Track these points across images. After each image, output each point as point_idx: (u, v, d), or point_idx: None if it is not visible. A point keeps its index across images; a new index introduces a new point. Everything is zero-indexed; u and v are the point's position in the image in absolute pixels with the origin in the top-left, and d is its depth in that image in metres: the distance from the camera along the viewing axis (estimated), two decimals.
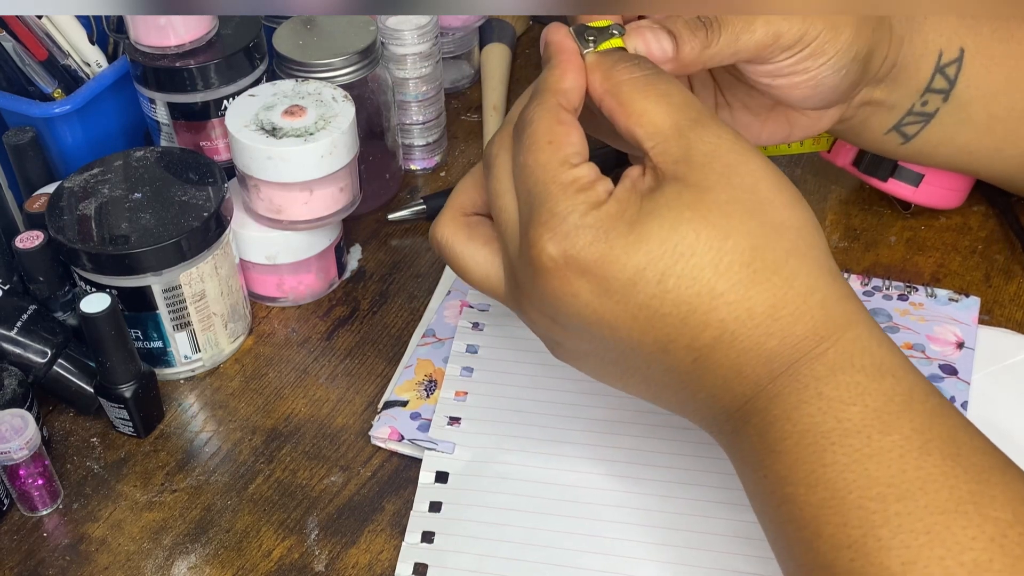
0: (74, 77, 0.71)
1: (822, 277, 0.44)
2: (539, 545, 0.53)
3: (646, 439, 0.57)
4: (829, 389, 0.42)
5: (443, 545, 0.53)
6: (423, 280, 0.69)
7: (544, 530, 0.54)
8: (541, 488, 0.55)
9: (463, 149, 0.79)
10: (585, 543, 0.53)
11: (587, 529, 0.54)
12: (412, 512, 0.55)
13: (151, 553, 0.55)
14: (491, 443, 0.58)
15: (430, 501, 0.55)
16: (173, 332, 0.62)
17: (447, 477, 0.56)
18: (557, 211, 0.44)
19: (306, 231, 0.65)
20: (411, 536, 0.54)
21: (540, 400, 0.59)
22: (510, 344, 0.62)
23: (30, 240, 0.60)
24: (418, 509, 0.55)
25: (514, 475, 0.56)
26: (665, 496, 0.55)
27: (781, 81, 0.53)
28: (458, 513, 0.55)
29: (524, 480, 0.56)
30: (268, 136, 0.61)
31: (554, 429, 0.58)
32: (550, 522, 0.54)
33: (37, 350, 0.59)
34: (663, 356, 0.44)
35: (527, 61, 0.87)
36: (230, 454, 0.60)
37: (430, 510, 0.55)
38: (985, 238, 0.69)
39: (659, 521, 0.54)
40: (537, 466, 0.56)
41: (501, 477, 0.56)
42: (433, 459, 0.57)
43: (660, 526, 0.53)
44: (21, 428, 0.55)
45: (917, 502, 0.40)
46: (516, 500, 0.55)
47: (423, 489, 0.56)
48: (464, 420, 0.59)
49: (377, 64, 0.69)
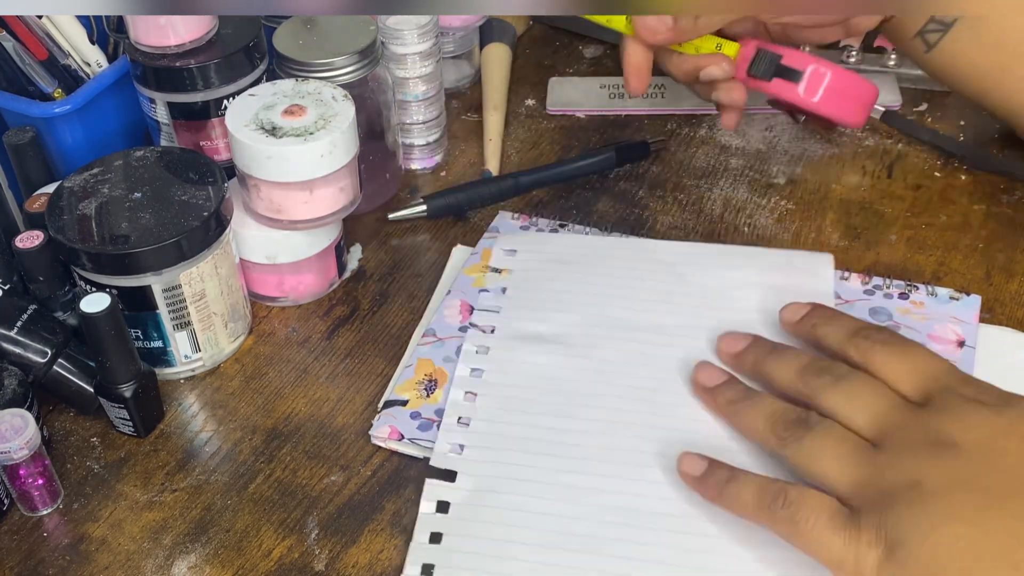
0: (74, 77, 0.71)
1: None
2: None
3: (655, 471, 0.55)
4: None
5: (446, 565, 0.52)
6: (423, 279, 0.69)
7: (544, 563, 0.52)
8: (545, 520, 0.53)
9: (463, 149, 0.79)
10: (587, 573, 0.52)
11: (591, 563, 0.52)
12: (412, 543, 0.53)
13: (151, 553, 0.55)
14: (495, 471, 0.56)
15: (431, 532, 0.54)
16: (173, 332, 0.61)
17: (448, 507, 0.55)
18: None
19: (306, 231, 0.65)
20: (411, 568, 0.52)
21: (545, 427, 0.58)
22: (516, 368, 0.61)
23: (30, 240, 0.60)
24: (418, 540, 0.53)
25: (518, 506, 0.54)
26: (671, 531, 0.53)
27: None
28: (461, 545, 0.53)
29: (527, 511, 0.54)
30: (268, 136, 0.61)
31: (560, 459, 0.56)
32: (552, 555, 0.52)
33: (37, 350, 0.59)
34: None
35: (527, 61, 0.87)
36: (230, 454, 0.60)
37: (430, 542, 0.53)
38: (986, 236, 0.69)
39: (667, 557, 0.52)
40: (541, 496, 0.54)
41: (504, 508, 0.54)
42: (434, 488, 0.55)
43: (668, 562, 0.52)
44: (21, 428, 0.55)
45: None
46: (519, 532, 0.53)
47: (424, 519, 0.54)
48: (467, 448, 0.57)
49: (377, 64, 0.69)
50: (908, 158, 0.75)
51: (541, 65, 0.87)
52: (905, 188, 0.73)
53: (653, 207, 0.73)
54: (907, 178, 0.73)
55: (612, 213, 0.72)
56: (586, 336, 0.62)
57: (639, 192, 0.74)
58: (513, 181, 0.73)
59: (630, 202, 0.73)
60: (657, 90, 0.82)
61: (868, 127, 0.77)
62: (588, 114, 0.81)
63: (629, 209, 0.73)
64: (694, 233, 0.70)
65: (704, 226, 0.71)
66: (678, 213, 0.72)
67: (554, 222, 0.71)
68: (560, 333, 0.62)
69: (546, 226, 0.71)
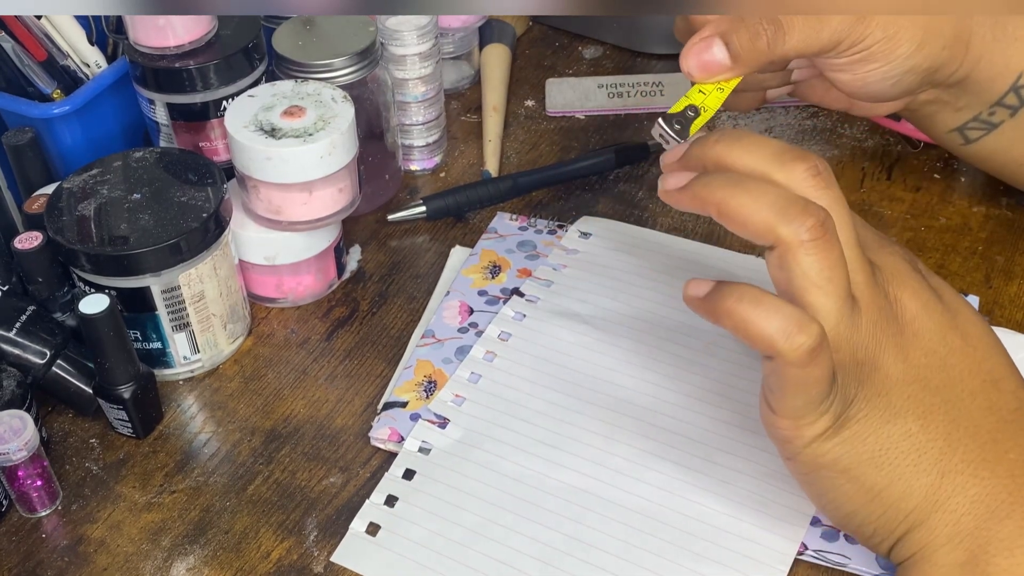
0: (73, 78, 0.71)
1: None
2: (491, 538, 0.54)
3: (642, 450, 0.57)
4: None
5: (402, 512, 0.55)
6: (422, 281, 0.69)
7: (494, 523, 0.54)
8: (515, 485, 0.56)
9: (463, 150, 0.79)
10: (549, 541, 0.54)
11: (538, 533, 0.54)
12: (385, 476, 0.57)
13: (150, 554, 0.55)
14: (483, 429, 0.58)
15: (406, 468, 0.57)
16: (172, 333, 0.61)
17: (430, 451, 0.57)
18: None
19: (305, 232, 0.65)
20: (376, 496, 0.56)
21: (545, 400, 0.60)
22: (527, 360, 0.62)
23: (29, 241, 0.60)
24: (392, 473, 0.57)
25: (492, 465, 0.57)
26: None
27: (832, 72, 0.56)
28: (426, 486, 0.56)
29: (500, 473, 0.56)
30: (267, 137, 0.61)
31: (546, 432, 0.58)
32: (504, 518, 0.54)
33: (36, 351, 0.59)
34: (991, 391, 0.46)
35: (527, 62, 0.87)
36: (229, 455, 0.59)
37: (403, 476, 0.56)
38: (985, 239, 0.69)
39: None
40: (517, 463, 0.57)
41: (479, 464, 0.57)
42: (424, 430, 0.58)
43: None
44: (20, 429, 0.55)
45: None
46: (485, 490, 0.56)
47: (404, 455, 0.57)
48: (467, 401, 0.60)
49: (377, 65, 0.69)
50: (908, 160, 0.75)
51: (541, 66, 0.86)
52: (905, 190, 0.73)
53: (652, 208, 0.73)
54: (907, 180, 0.73)
55: (611, 214, 0.72)
56: (617, 324, 0.63)
57: (639, 193, 0.74)
58: (512, 182, 0.73)
59: (630, 203, 0.73)
60: (656, 88, 0.82)
61: (868, 127, 0.77)
62: (587, 114, 0.81)
63: (629, 210, 0.73)
64: (693, 234, 0.70)
65: (703, 227, 0.71)
66: (677, 214, 0.72)
67: (553, 223, 0.71)
68: (595, 316, 0.64)
69: (544, 227, 0.71)
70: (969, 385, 0.46)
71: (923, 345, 0.46)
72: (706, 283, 0.45)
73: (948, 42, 0.56)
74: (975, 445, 0.45)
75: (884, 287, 0.46)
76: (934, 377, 0.46)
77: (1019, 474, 0.45)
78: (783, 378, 0.44)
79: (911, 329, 0.46)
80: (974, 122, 0.61)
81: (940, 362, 0.46)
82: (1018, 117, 0.60)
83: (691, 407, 0.58)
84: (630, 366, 0.61)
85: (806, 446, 0.45)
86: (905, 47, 0.54)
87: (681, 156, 0.48)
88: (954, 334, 0.47)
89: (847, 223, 0.45)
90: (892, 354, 0.46)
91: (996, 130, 0.61)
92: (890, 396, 0.45)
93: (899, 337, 0.46)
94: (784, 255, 0.44)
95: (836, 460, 0.45)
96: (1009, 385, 0.47)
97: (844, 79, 0.56)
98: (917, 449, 0.45)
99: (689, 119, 0.50)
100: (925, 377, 0.46)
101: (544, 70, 0.86)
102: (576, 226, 0.70)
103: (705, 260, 0.67)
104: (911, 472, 0.45)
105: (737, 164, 0.46)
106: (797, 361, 0.42)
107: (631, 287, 0.65)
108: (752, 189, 0.44)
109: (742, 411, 0.58)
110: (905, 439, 0.45)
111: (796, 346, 0.42)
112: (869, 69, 0.55)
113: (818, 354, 0.43)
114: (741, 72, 0.52)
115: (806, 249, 0.43)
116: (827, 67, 0.56)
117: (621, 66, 0.86)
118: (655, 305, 0.64)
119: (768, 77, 0.61)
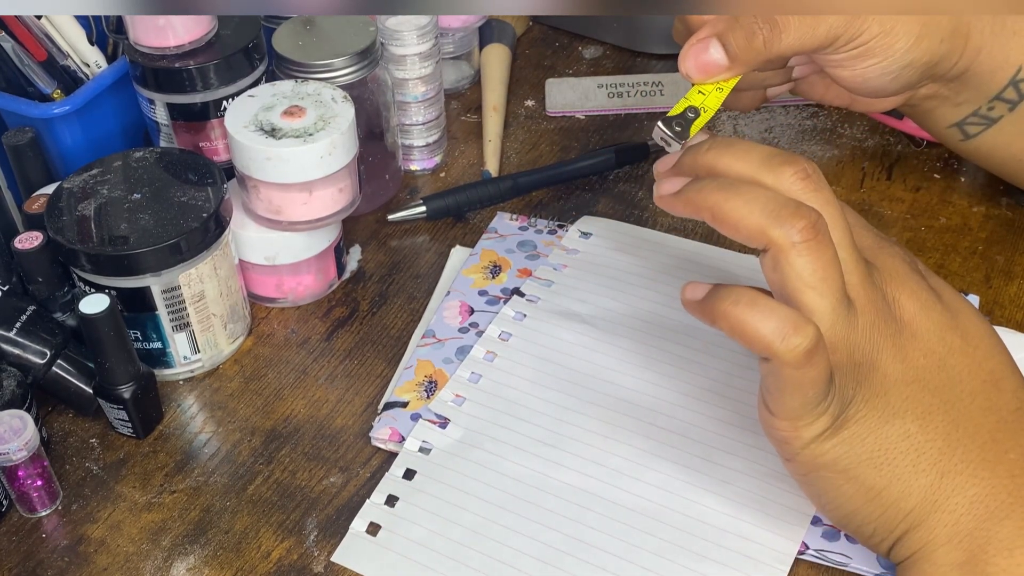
0: (73, 78, 0.71)
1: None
2: (490, 537, 0.54)
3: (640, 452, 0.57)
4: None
5: (403, 512, 0.55)
6: (423, 281, 0.69)
7: (495, 523, 0.54)
8: (514, 485, 0.56)
9: (463, 150, 0.79)
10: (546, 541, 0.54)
11: (536, 533, 0.54)
12: (385, 476, 0.57)
13: (150, 554, 0.55)
14: (483, 429, 0.58)
15: (407, 468, 0.57)
16: (172, 333, 0.61)
17: (430, 451, 0.57)
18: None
19: (305, 232, 0.65)
20: (376, 496, 0.56)
21: (544, 400, 0.60)
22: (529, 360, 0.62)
23: (29, 241, 0.60)
24: (393, 473, 0.57)
25: (492, 465, 0.57)
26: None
27: (831, 68, 0.56)
28: (427, 486, 0.56)
29: (499, 473, 0.56)
30: (267, 137, 0.61)
31: (546, 432, 0.58)
32: (504, 518, 0.54)
33: (36, 351, 0.59)
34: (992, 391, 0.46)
35: (527, 62, 0.87)
36: (229, 455, 0.59)
37: (403, 476, 0.56)
38: (985, 239, 0.69)
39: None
40: (517, 462, 0.57)
41: (479, 464, 0.57)
42: (424, 429, 0.58)
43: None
44: (20, 429, 0.55)
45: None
46: (486, 490, 0.56)
47: (405, 455, 0.57)
48: (468, 401, 0.60)
49: (377, 65, 0.69)
50: (908, 160, 0.75)
51: (541, 66, 0.86)
52: (905, 190, 0.73)
53: (652, 208, 0.73)
54: (907, 180, 0.73)
55: (612, 214, 0.72)
56: (617, 324, 0.63)
57: (638, 193, 0.74)
58: (512, 182, 0.73)
59: (629, 203, 0.73)
60: (656, 88, 0.82)
61: (868, 127, 0.77)
62: (587, 114, 0.81)
63: (629, 210, 0.73)
64: (693, 234, 0.70)
65: (703, 227, 0.71)
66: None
67: (553, 223, 0.71)
68: (595, 316, 0.64)
69: (544, 227, 0.71)
70: (969, 385, 0.46)
71: (922, 345, 0.46)
72: (703, 286, 0.46)
73: (946, 36, 0.56)
74: (974, 445, 0.45)
75: (882, 287, 0.47)
76: (933, 377, 0.46)
77: (1019, 474, 0.45)
78: (780, 379, 0.44)
79: (909, 329, 0.46)
80: (973, 117, 0.62)
81: (939, 362, 0.46)
82: (1016, 112, 0.60)
83: (691, 407, 0.58)
84: (630, 366, 0.61)
85: (804, 447, 0.45)
86: (903, 42, 0.55)
87: (674, 164, 0.49)
88: (953, 334, 0.47)
89: (840, 224, 0.45)
90: (890, 354, 0.46)
91: (995, 125, 0.62)
92: (888, 396, 0.45)
93: (897, 337, 0.46)
94: (777, 257, 0.44)
95: (835, 461, 0.45)
96: (1010, 385, 0.47)
97: (843, 75, 0.56)
98: (916, 449, 0.45)
99: (689, 120, 0.50)
100: (924, 377, 0.46)
101: (544, 70, 0.86)
102: (576, 226, 0.70)
103: (705, 260, 0.67)
104: (910, 472, 0.45)
105: (728, 170, 0.46)
106: (793, 362, 0.43)
107: (631, 287, 0.65)
108: (744, 193, 0.45)
109: (742, 411, 0.58)
110: (904, 439, 0.45)
111: (792, 347, 0.42)
112: (868, 64, 0.55)
113: (814, 355, 0.43)
114: (739, 71, 0.52)
115: (798, 251, 0.43)
116: (826, 63, 0.56)
117: (621, 66, 0.86)
118: (655, 305, 0.64)
119: (768, 75, 0.61)
